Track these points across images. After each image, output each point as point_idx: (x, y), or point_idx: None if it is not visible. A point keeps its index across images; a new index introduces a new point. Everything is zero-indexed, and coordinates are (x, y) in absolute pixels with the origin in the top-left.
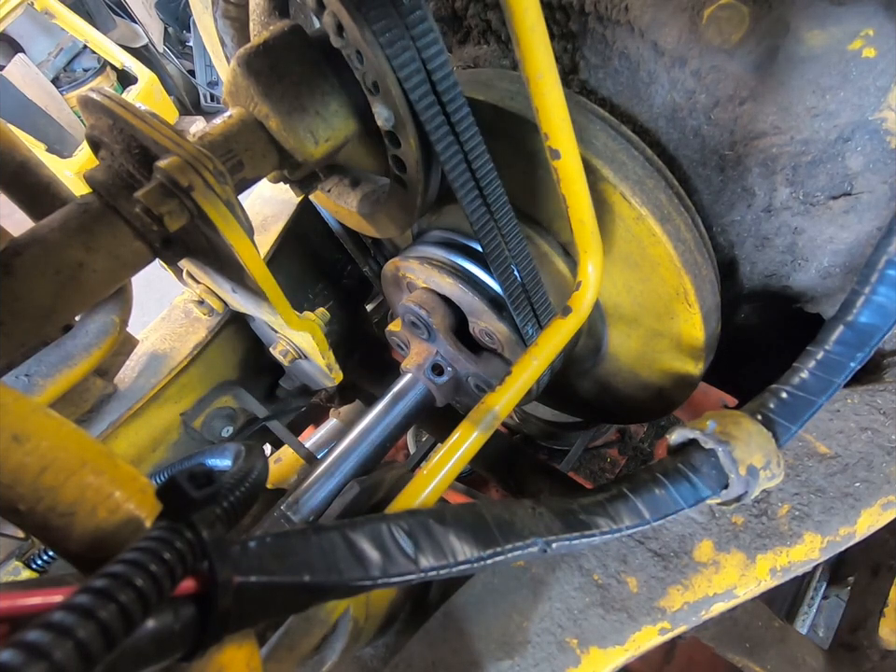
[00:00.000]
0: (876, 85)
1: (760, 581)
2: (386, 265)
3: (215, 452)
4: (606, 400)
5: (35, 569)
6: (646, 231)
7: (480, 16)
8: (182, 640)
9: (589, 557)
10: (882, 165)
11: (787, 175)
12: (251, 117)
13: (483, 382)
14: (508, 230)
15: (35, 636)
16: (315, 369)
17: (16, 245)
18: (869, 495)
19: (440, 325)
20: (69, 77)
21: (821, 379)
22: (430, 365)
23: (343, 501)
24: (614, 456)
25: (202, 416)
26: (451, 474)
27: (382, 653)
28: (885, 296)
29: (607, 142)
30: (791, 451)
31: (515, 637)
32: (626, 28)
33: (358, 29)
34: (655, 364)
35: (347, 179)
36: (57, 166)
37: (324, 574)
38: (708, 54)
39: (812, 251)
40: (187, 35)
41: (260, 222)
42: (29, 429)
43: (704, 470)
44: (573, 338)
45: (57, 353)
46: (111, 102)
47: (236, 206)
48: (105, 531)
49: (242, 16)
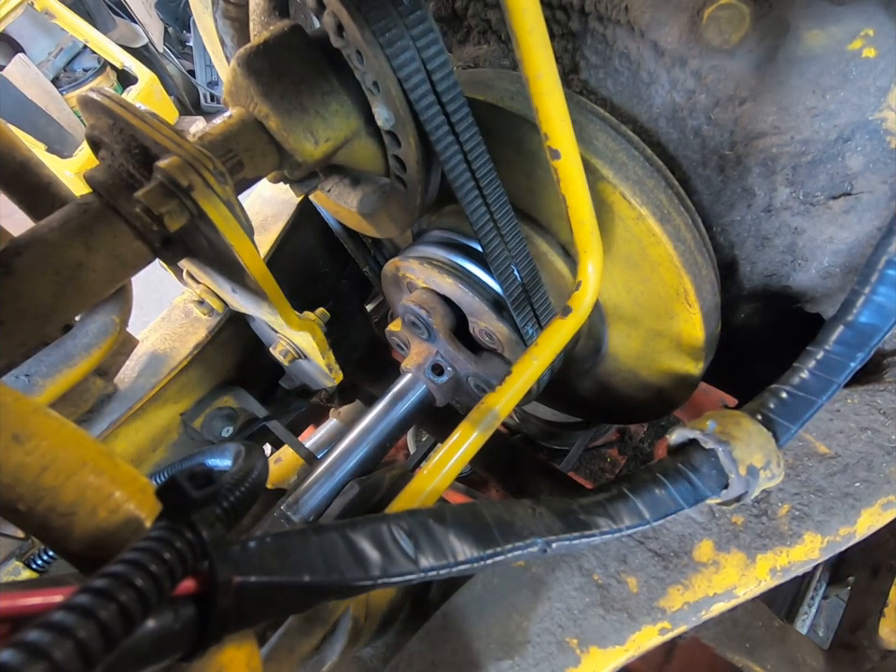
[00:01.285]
0: (876, 85)
1: (760, 581)
2: (386, 265)
3: (215, 452)
4: (606, 400)
5: (35, 569)
6: (646, 231)
7: (480, 16)
8: (182, 640)
9: (589, 557)
10: (882, 165)
11: (787, 175)
12: (251, 117)
13: (483, 382)
14: (508, 230)
15: (35, 636)
16: (315, 369)
17: (16, 245)
18: (869, 495)
19: (439, 325)
20: (69, 77)
21: (821, 379)
22: (430, 365)
23: (342, 501)
24: (614, 456)
25: (202, 416)
26: (451, 474)
27: (382, 653)
28: (885, 296)
29: (607, 142)
30: (791, 451)
31: (515, 636)
32: (626, 28)
33: (358, 29)
34: (655, 364)
35: (347, 179)
36: (57, 166)
37: (324, 574)
38: (708, 54)
39: (812, 251)
40: (187, 35)
41: (260, 222)
42: (29, 429)
43: (704, 470)
44: (573, 338)
45: (57, 353)
46: (111, 102)
47: (236, 206)
48: (105, 531)
49: (242, 16)
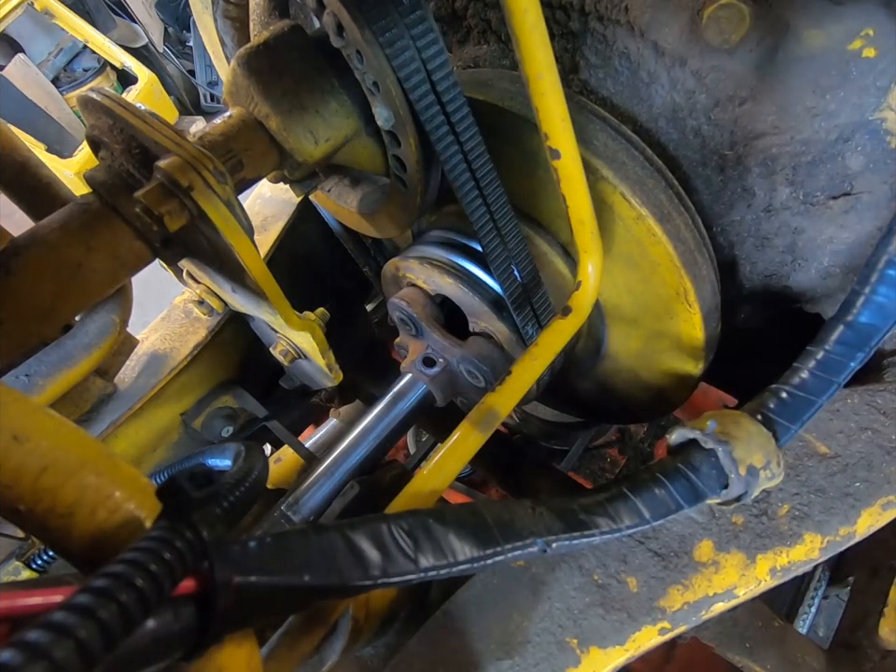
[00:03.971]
0: (876, 85)
1: (760, 580)
2: (386, 265)
3: (215, 452)
4: (606, 400)
5: (35, 569)
6: (646, 231)
7: (480, 16)
8: (182, 640)
9: (589, 557)
10: (882, 165)
11: (787, 175)
12: (251, 116)
13: (473, 367)
14: (508, 230)
15: (35, 635)
16: (315, 369)
17: (16, 245)
18: (869, 495)
19: (421, 313)
20: (69, 77)
21: (821, 379)
22: (421, 358)
23: (343, 501)
24: (614, 456)
25: (202, 416)
26: (451, 474)
27: (382, 653)
28: (885, 296)
29: (607, 142)
30: (791, 451)
31: (515, 636)
32: (626, 28)
33: (358, 29)
34: (655, 364)
35: (347, 179)
36: (57, 166)
37: (324, 574)
38: (708, 54)
39: (812, 251)
40: (187, 35)
41: (260, 222)
42: (29, 429)
43: (704, 470)
44: (573, 338)
45: (57, 353)
46: (111, 102)
47: (236, 206)
48: (104, 531)
49: (242, 16)
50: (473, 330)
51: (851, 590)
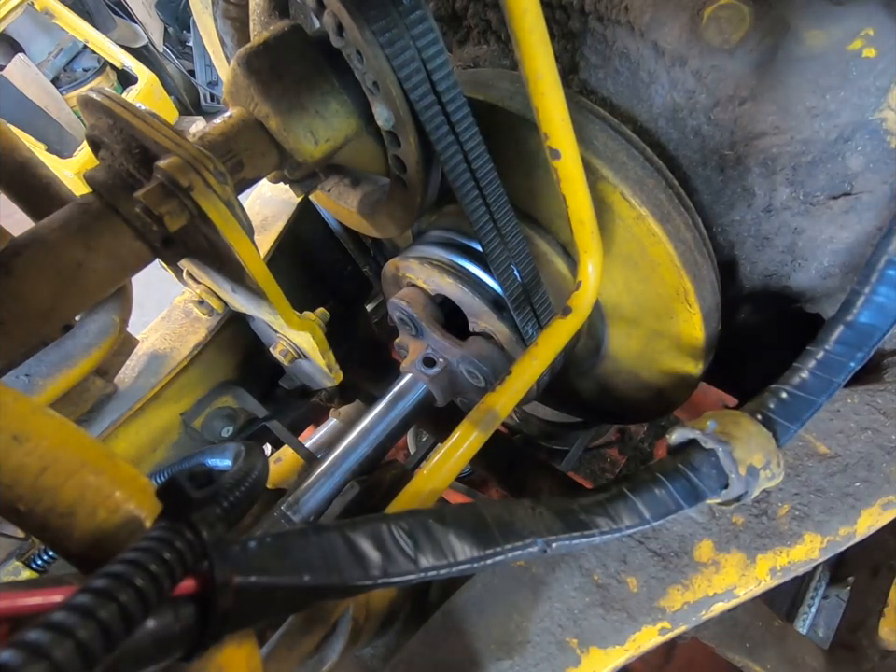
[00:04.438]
0: (876, 85)
1: (760, 581)
2: (386, 265)
3: (215, 452)
4: (606, 400)
5: (35, 569)
6: (646, 230)
7: (480, 16)
8: (182, 640)
9: (589, 557)
10: (882, 165)
11: (787, 175)
12: (251, 117)
13: (473, 367)
14: (508, 230)
15: (35, 635)
16: (315, 369)
17: (16, 245)
18: (869, 495)
19: (421, 313)
20: (69, 77)
21: (821, 379)
22: (421, 358)
23: (343, 501)
24: (614, 456)
25: (202, 416)
26: (451, 474)
27: (382, 653)
28: (885, 296)
29: (607, 142)
30: (791, 451)
31: (515, 636)
32: (626, 28)
33: (358, 29)
34: (655, 364)
35: (347, 179)
36: (57, 166)
37: (324, 574)
38: (708, 54)
39: (812, 251)
40: (187, 35)
41: (260, 222)
42: (29, 429)
43: (704, 470)
44: (573, 338)
45: (57, 353)
46: (111, 102)
47: (236, 206)
48: (104, 531)
49: (242, 16)
50: (473, 330)
51: (851, 590)
